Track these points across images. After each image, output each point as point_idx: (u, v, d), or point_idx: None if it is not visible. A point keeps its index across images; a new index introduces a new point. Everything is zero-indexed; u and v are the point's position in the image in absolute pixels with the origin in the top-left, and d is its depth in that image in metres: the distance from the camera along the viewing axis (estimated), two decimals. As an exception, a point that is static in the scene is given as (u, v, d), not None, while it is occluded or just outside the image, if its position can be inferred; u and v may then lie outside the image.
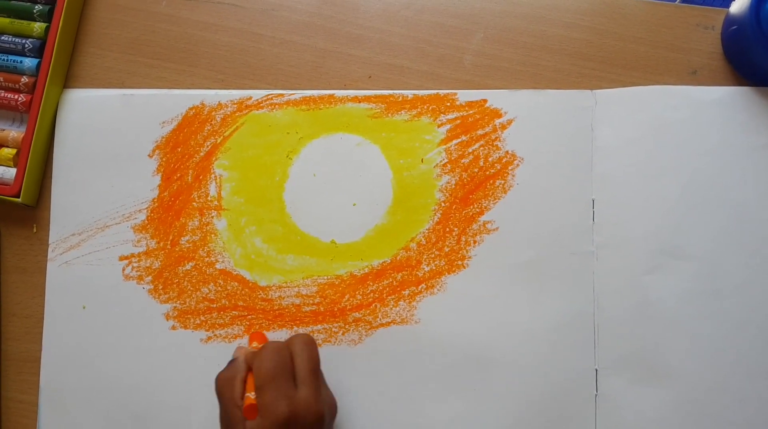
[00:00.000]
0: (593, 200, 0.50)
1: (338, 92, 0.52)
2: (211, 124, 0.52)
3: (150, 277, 0.51)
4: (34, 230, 0.53)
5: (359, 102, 0.52)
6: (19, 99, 0.52)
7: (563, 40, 0.52)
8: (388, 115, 0.52)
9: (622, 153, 0.50)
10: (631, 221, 0.50)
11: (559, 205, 0.50)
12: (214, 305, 0.51)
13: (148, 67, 0.54)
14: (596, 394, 0.48)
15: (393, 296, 0.50)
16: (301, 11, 0.54)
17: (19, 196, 0.51)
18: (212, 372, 0.49)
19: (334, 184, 0.52)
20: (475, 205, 0.51)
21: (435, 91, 0.52)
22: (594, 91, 0.51)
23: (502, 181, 0.51)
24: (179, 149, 0.52)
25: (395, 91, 0.52)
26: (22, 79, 0.52)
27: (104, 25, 0.54)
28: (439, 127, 0.52)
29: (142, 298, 0.51)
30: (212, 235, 0.51)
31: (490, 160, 0.51)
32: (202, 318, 0.51)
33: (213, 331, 0.50)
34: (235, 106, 0.52)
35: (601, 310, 0.49)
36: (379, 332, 0.50)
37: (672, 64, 0.52)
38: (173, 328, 0.51)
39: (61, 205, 0.52)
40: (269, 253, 0.51)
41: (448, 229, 0.51)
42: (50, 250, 0.52)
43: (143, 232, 0.52)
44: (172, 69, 0.53)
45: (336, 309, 0.50)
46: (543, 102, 0.51)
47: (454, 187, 0.51)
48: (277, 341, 0.45)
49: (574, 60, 0.52)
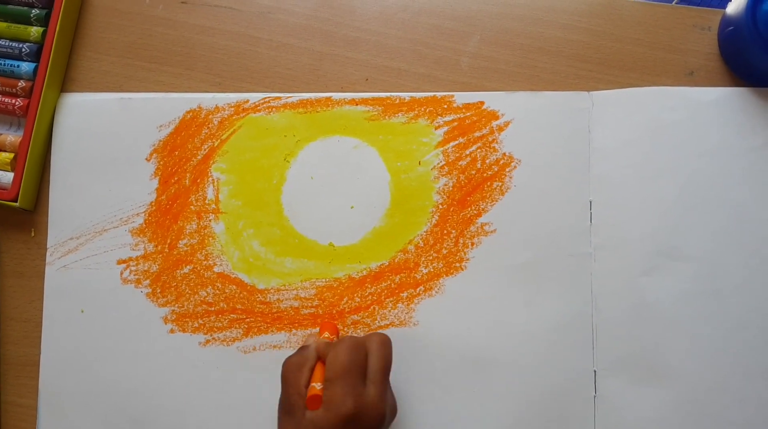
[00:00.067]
0: (590, 202, 0.50)
1: (335, 95, 0.52)
2: (208, 128, 0.52)
3: (148, 281, 0.51)
4: (32, 234, 0.53)
5: (356, 105, 0.52)
6: (16, 103, 0.52)
7: (560, 42, 0.52)
8: (385, 117, 0.52)
9: (619, 154, 0.50)
10: (628, 222, 0.50)
11: (557, 206, 0.50)
12: (213, 308, 0.51)
13: (146, 70, 0.54)
14: (595, 395, 0.48)
15: (391, 298, 0.50)
16: (297, 14, 0.54)
17: (16, 201, 0.51)
18: (210, 375, 0.50)
19: (331, 186, 0.52)
20: (473, 207, 0.51)
21: (432, 94, 0.52)
22: (591, 93, 0.51)
23: (500, 183, 0.51)
24: (177, 153, 0.52)
25: (392, 94, 0.52)
26: (19, 83, 0.52)
27: (101, 29, 0.54)
28: (436, 129, 0.52)
29: (140, 301, 0.51)
30: (210, 239, 0.51)
31: (487, 162, 0.51)
32: (200, 321, 0.51)
33: (211, 335, 0.50)
34: (233, 109, 0.52)
35: (599, 312, 0.49)
36: (378, 335, 0.50)
37: (669, 65, 0.52)
38: (171, 331, 0.51)
39: (58, 209, 0.52)
40: (267, 256, 0.51)
41: (445, 232, 0.51)
42: (48, 254, 0.52)
43: (141, 235, 0.52)
44: (169, 72, 0.53)
45: (334, 311, 0.50)
46: (540, 104, 0.51)
47: (451, 189, 0.51)
48: (355, 336, 0.45)
49: (571, 62, 0.52)
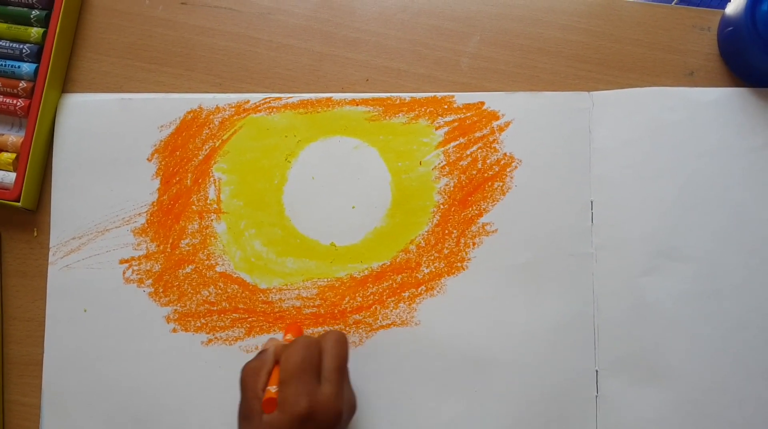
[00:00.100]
0: (591, 202, 0.50)
1: (336, 95, 0.52)
2: (209, 128, 0.52)
3: (150, 280, 0.51)
4: (35, 234, 0.53)
5: (357, 105, 0.52)
6: (18, 104, 0.52)
7: (560, 43, 0.52)
8: (386, 117, 0.52)
9: (619, 154, 0.50)
10: (629, 223, 0.50)
11: (558, 206, 0.50)
12: (215, 308, 0.51)
13: (146, 71, 0.54)
14: (596, 395, 0.49)
15: (393, 298, 0.50)
16: (298, 15, 0.54)
17: (19, 201, 0.51)
18: (213, 375, 0.50)
19: (332, 186, 0.52)
20: (474, 207, 0.51)
21: (432, 94, 0.52)
22: (591, 93, 0.52)
23: (501, 183, 0.51)
24: (178, 153, 0.52)
25: (392, 94, 0.52)
26: (20, 84, 0.52)
27: (101, 29, 0.54)
28: (436, 129, 0.52)
29: (142, 301, 0.51)
30: (212, 238, 0.52)
31: (488, 162, 0.51)
32: (203, 321, 0.51)
33: (213, 334, 0.51)
34: (233, 109, 0.53)
35: (600, 312, 0.49)
36: (380, 334, 0.50)
37: (668, 66, 0.52)
38: (174, 330, 0.51)
39: (61, 209, 0.52)
40: (269, 256, 0.51)
41: (447, 231, 0.51)
42: (51, 253, 0.52)
43: (143, 235, 0.52)
44: (170, 73, 0.53)
45: (336, 311, 0.51)
46: (540, 104, 0.51)
47: (452, 189, 0.51)
48: (309, 336, 0.44)
49: (571, 62, 0.52)
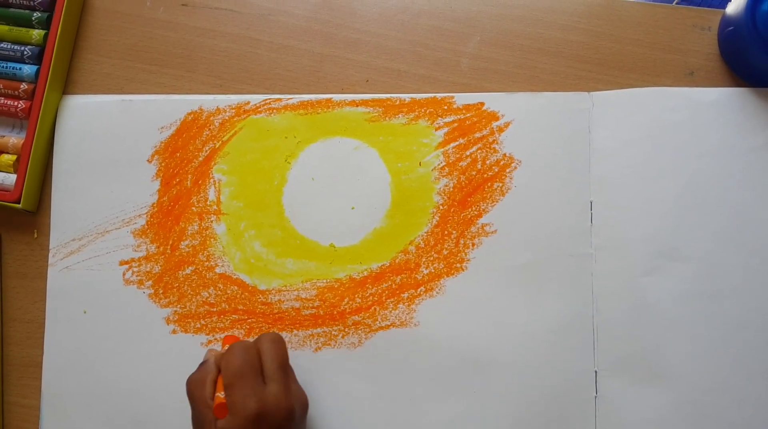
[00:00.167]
0: (591, 202, 0.50)
1: (336, 96, 0.52)
2: (209, 129, 0.53)
3: (150, 282, 0.51)
4: (35, 236, 0.53)
5: (357, 106, 0.52)
6: (19, 105, 0.52)
7: (560, 43, 0.52)
8: (386, 118, 0.52)
9: (619, 155, 0.50)
10: (629, 223, 0.50)
11: (557, 207, 0.50)
12: (215, 309, 0.51)
13: (147, 73, 0.54)
14: (596, 396, 0.49)
15: (392, 299, 0.50)
16: (298, 16, 0.54)
17: (19, 202, 0.51)
18: (212, 376, 0.50)
19: (332, 187, 0.52)
20: (474, 208, 0.51)
21: (432, 95, 0.52)
22: (591, 93, 0.51)
23: (500, 184, 0.51)
24: (178, 154, 0.53)
25: (392, 95, 0.52)
26: (22, 86, 0.52)
27: (102, 31, 0.54)
28: (436, 130, 0.52)
29: (142, 302, 0.51)
30: (212, 240, 0.52)
31: (487, 162, 0.51)
32: (203, 322, 0.51)
33: (213, 335, 0.51)
34: (234, 110, 0.53)
35: (599, 312, 0.49)
36: (379, 335, 0.50)
37: (669, 66, 0.52)
38: (174, 332, 0.51)
39: (61, 211, 0.52)
40: (268, 257, 0.51)
41: (446, 232, 0.51)
42: (51, 255, 0.52)
43: (143, 236, 0.52)
44: (171, 75, 0.54)
45: (335, 312, 0.50)
46: (540, 104, 0.51)
47: (452, 190, 0.51)
48: (245, 340, 0.45)
49: (571, 62, 0.52)
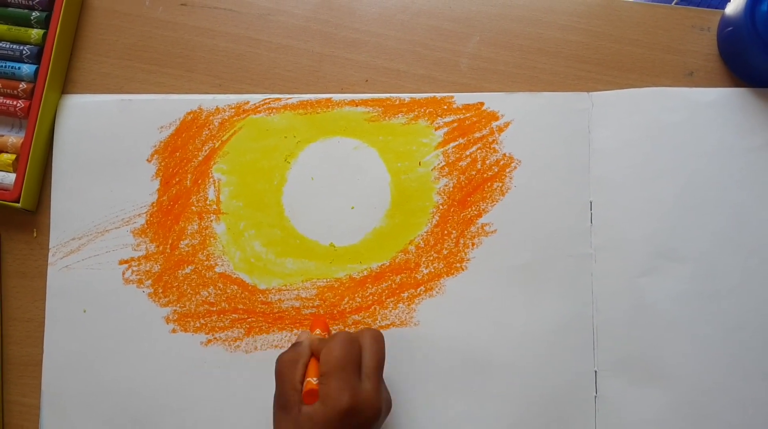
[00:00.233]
0: (591, 202, 0.50)
1: (335, 96, 0.52)
2: (209, 129, 0.53)
3: (150, 281, 0.51)
4: (34, 235, 0.53)
5: (356, 106, 0.52)
6: (18, 105, 0.52)
7: (559, 43, 0.52)
8: (385, 118, 0.52)
9: (619, 155, 0.50)
10: (628, 223, 0.50)
11: (557, 207, 0.50)
12: (214, 308, 0.51)
13: (146, 72, 0.54)
14: (595, 396, 0.49)
15: (392, 299, 0.50)
16: (297, 16, 0.54)
17: (18, 201, 0.51)
18: (212, 375, 0.50)
19: (332, 187, 0.52)
20: (473, 208, 0.51)
21: (432, 95, 0.52)
22: (590, 94, 0.52)
23: (500, 184, 0.51)
24: (177, 154, 0.52)
25: (392, 95, 0.52)
26: (21, 86, 0.52)
27: (101, 31, 0.54)
28: (436, 130, 0.52)
29: (142, 301, 0.51)
30: (211, 239, 0.52)
31: (487, 162, 0.51)
32: (202, 321, 0.51)
33: (213, 334, 0.51)
34: (233, 110, 0.53)
35: (599, 312, 0.49)
36: (378, 335, 0.50)
37: (668, 66, 0.52)
38: (173, 331, 0.51)
39: (60, 210, 0.52)
40: (268, 257, 0.51)
41: (446, 232, 0.51)
42: (50, 254, 0.52)
43: (143, 236, 0.52)
44: (170, 74, 0.54)
45: (335, 312, 0.51)
46: (540, 104, 0.51)
47: (451, 189, 0.51)
48: (348, 332, 0.45)
49: (571, 62, 0.52)
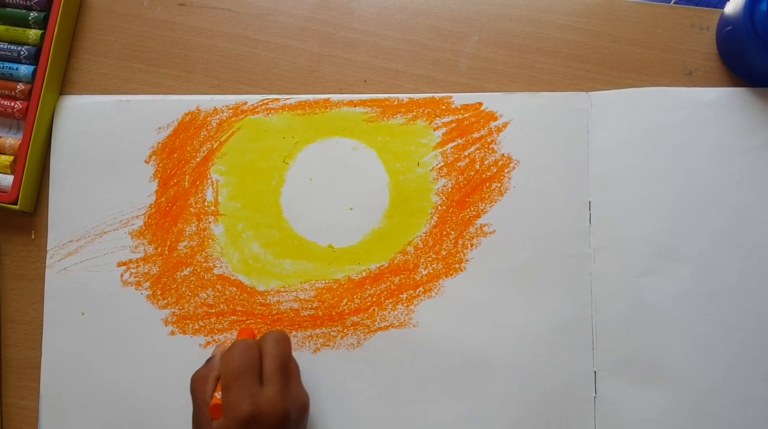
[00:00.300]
0: (589, 202, 0.50)
1: (333, 96, 0.52)
2: (207, 130, 0.52)
3: (148, 283, 0.51)
4: (32, 237, 0.53)
5: (355, 106, 0.52)
6: (16, 106, 0.52)
7: (558, 43, 0.52)
8: (384, 118, 0.52)
9: (618, 155, 0.50)
10: (627, 223, 0.50)
11: (556, 207, 0.50)
12: (213, 310, 0.51)
13: (144, 73, 0.54)
14: (595, 396, 0.49)
15: (391, 300, 0.50)
16: (296, 16, 0.54)
17: (16, 203, 0.51)
18: (211, 377, 0.50)
19: (330, 188, 0.52)
20: (472, 208, 0.51)
21: (430, 95, 0.52)
22: (589, 93, 0.51)
23: (499, 184, 0.51)
24: (175, 155, 0.52)
25: (390, 95, 0.52)
26: (18, 86, 0.52)
27: (99, 31, 0.54)
28: (434, 130, 0.52)
29: (140, 303, 0.51)
30: (210, 241, 0.51)
31: (486, 163, 0.51)
32: (201, 323, 0.51)
33: (212, 336, 0.51)
34: (231, 111, 0.52)
35: (598, 312, 0.49)
36: (378, 336, 0.50)
37: (667, 66, 0.52)
38: (172, 333, 0.51)
39: (58, 212, 0.52)
40: (267, 258, 0.51)
41: (445, 233, 0.51)
42: (48, 256, 0.52)
43: (141, 238, 0.52)
44: (168, 75, 0.53)
45: (334, 313, 0.50)
46: (538, 104, 0.51)
47: (450, 190, 0.51)
48: (248, 339, 0.44)
49: (569, 62, 0.52)
